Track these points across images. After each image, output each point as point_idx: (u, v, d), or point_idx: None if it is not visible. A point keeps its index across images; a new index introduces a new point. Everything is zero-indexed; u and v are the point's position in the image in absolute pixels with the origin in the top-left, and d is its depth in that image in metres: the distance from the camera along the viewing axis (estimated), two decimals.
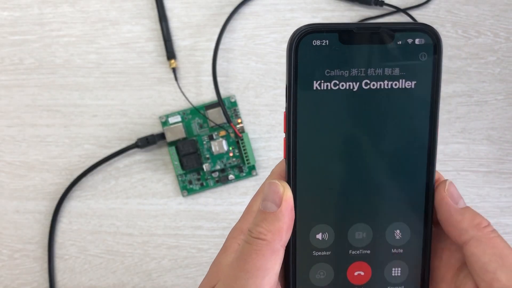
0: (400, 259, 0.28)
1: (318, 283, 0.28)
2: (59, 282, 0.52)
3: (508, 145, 0.52)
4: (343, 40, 0.26)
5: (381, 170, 0.27)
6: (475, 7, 0.52)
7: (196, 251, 0.52)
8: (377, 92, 0.26)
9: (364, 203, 0.27)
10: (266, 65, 0.52)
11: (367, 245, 0.28)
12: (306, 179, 0.27)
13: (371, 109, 0.26)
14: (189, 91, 0.52)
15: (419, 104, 0.27)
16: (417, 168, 0.27)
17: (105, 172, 0.52)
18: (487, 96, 0.52)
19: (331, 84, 0.26)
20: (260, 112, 0.52)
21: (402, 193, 0.27)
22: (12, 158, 0.52)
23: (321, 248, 0.28)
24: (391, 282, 0.28)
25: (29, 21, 0.51)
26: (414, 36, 0.26)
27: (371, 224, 0.27)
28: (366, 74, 0.26)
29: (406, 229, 0.28)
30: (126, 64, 0.52)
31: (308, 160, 0.27)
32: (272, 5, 0.52)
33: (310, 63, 0.26)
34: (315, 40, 0.26)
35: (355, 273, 0.28)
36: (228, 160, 0.51)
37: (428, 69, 0.26)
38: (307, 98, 0.26)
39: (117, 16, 0.52)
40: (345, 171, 0.27)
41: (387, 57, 0.26)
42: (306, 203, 0.27)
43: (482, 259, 0.25)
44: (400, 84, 0.26)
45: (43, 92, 0.51)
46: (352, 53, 0.26)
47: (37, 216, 0.52)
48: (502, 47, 0.52)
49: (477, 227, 0.26)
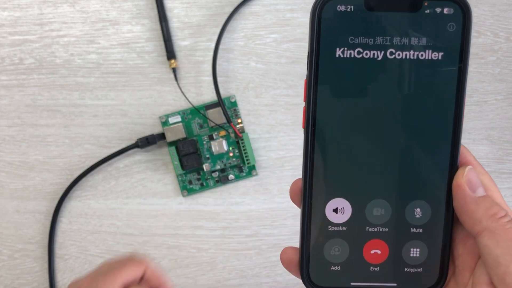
0: (419, 239, 0.27)
1: (332, 259, 0.27)
2: (59, 282, 0.52)
3: (508, 145, 0.52)
4: (369, 7, 0.25)
5: (403, 145, 0.26)
6: (475, 7, 0.52)
7: (196, 251, 0.52)
8: (403, 62, 0.25)
9: (384, 179, 0.26)
10: (266, 65, 0.52)
11: (385, 222, 0.27)
12: (324, 151, 0.26)
13: (395, 80, 0.25)
14: (189, 91, 0.52)
15: (445, 77, 0.25)
16: (440, 145, 0.26)
17: (105, 172, 0.52)
18: (487, 96, 0.52)
19: (354, 52, 0.25)
20: (260, 112, 0.52)
21: (425, 171, 0.26)
22: (12, 158, 0.52)
23: (337, 223, 0.27)
24: (408, 263, 0.27)
25: (29, 21, 0.51)
26: (443, 5, 0.25)
27: (390, 201, 0.26)
28: (392, 43, 0.25)
29: (427, 208, 0.26)
30: (126, 64, 0.52)
31: (327, 131, 0.26)
32: (272, 5, 0.52)
33: (334, 30, 0.25)
34: (340, 5, 0.25)
35: (371, 251, 0.27)
36: (228, 160, 0.51)
37: (456, 40, 0.25)
38: (329, 66, 0.25)
39: (117, 16, 0.52)
40: (365, 145, 0.26)
41: (414, 26, 0.25)
42: (323, 176, 0.26)
43: (495, 251, 0.24)
44: (427, 55, 0.25)
45: (43, 92, 0.51)
46: (378, 21, 0.25)
47: (37, 216, 0.52)
48: (502, 47, 0.52)
49: (492, 217, 0.24)
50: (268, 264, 0.52)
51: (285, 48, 0.52)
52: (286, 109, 0.52)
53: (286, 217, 0.52)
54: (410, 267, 0.27)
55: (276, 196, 0.52)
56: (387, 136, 0.26)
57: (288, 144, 0.52)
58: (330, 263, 0.27)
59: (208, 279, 0.52)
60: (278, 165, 0.52)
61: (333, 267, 0.27)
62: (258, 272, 0.52)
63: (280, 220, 0.52)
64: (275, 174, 0.52)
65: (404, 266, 0.27)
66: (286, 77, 0.52)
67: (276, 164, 0.52)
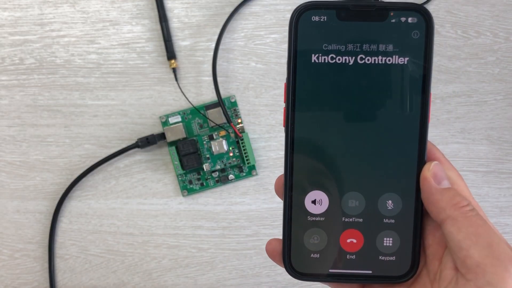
0: (391, 229, 0.29)
1: (311, 247, 0.29)
2: (59, 282, 0.52)
3: (508, 145, 0.53)
4: (340, 17, 0.28)
5: (374, 141, 0.28)
6: (474, 7, 0.52)
7: (196, 251, 0.52)
8: (372, 66, 0.28)
9: (357, 173, 0.29)
10: (266, 65, 0.52)
11: (360, 213, 0.29)
12: (303, 147, 0.29)
13: (365, 83, 0.28)
14: (189, 91, 0.52)
15: (411, 80, 0.28)
16: (409, 142, 0.28)
17: (105, 172, 0.52)
18: (486, 96, 0.52)
19: (328, 58, 0.28)
20: (260, 112, 0.52)
21: (395, 165, 0.28)
22: (13, 158, 0.52)
23: (316, 213, 0.29)
24: (382, 252, 0.29)
25: (29, 21, 0.51)
26: (407, 15, 0.27)
27: (364, 193, 0.29)
28: (361, 49, 0.28)
29: (398, 200, 0.28)
30: (126, 64, 0.52)
31: (305, 128, 0.28)
32: (272, 5, 0.52)
33: (309, 38, 0.28)
34: (314, 16, 0.28)
35: (347, 240, 0.29)
36: (228, 160, 0.51)
37: (420, 46, 0.28)
38: (305, 70, 0.28)
39: (118, 16, 0.52)
40: (340, 141, 0.28)
41: (381, 34, 0.28)
42: (302, 170, 0.29)
43: (457, 237, 0.25)
44: (394, 59, 0.28)
45: (44, 92, 0.52)
46: (349, 29, 0.28)
47: (37, 216, 0.52)
48: (502, 48, 0.52)
49: (455, 206, 0.26)
50: (268, 264, 0.52)
51: (285, 48, 0.52)
52: None
53: None
54: (384, 256, 0.29)
55: (276, 196, 0.52)
56: (360, 134, 0.28)
57: None
58: (309, 251, 0.29)
59: (208, 279, 0.52)
60: (278, 165, 0.52)
61: (312, 255, 0.29)
62: (258, 272, 0.52)
63: (280, 220, 0.52)
64: (275, 174, 0.52)
65: (378, 254, 0.29)
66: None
67: (276, 164, 0.52)
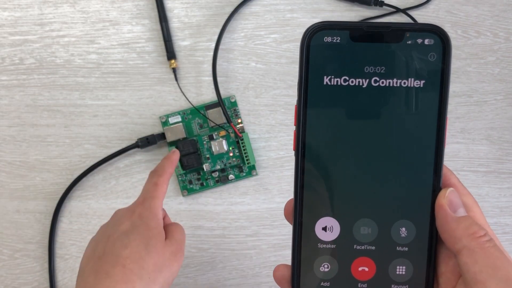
0: (405, 258, 0.28)
1: (322, 275, 0.28)
2: (59, 281, 0.52)
3: (508, 145, 0.53)
4: (354, 38, 0.26)
5: (388, 167, 0.27)
6: (474, 7, 0.52)
7: (196, 251, 0.52)
8: (386, 89, 0.27)
9: (370, 199, 0.27)
10: (266, 65, 0.52)
11: (372, 241, 0.28)
12: (313, 172, 0.27)
13: (379, 106, 0.27)
14: (189, 91, 0.52)
15: (427, 104, 0.27)
16: (423, 167, 0.27)
17: (105, 172, 0.52)
18: (486, 96, 0.52)
19: (341, 80, 0.27)
20: (260, 112, 0.52)
21: (409, 191, 0.27)
22: (13, 158, 0.52)
23: (326, 241, 0.28)
24: (395, 280, 0.28)
25: (29, 21, 0.51)
26: (423, 37, 0.26)
27: (376, 220, 0.28)
28: (376, 71, 0.27)
29: (412, 228, 0.27)
30: (126, 64, 0.52)
31: (316, 153, 0.27)
32: (272, 5, 0.52)
33: (321, 59, 0.27)
34: (327, 37, 0.27)
35: (359, 268, 0.28)
36: (228, 160, 0.51)
37: (437, 69, 0.27)
38: (317, 92, 0.27)
39: (118, 16, 0.52)
40: (352, 166, 0.27)
41: (397, 56, 0.26)
42: (313, 196, 0.28)
43: (473, 268, 0.24)
44: (409, 83, 0.27)
45: (44, 92, 0.52)
46: (362, 51, 0.27)
47: (37, 216, 0.52)
48: (502, 47, 0.52)
49: (472, 236, 0.25)
50: (268, 264, 0.52)
51: (285, 48, 0.52)
52: (286, 109, 0.52)
53: None
54: (396, 284, 0.28)
55: (276, 196, 0.52)
56: (373, 158, 0.27)
57: (288, 144, 0.52)
58: (319, 279, 0.28)
59: (208, 279, 0.52)
60: (278, 165, 0.52)
61: (322, 283, 0.28)
62: (258, 272, 0.52)
63: (280, 220, 0.52)
64: (275, 174, 0.52)
65: (390, 283, 0.28)
66: (286, 77, 0.52)
67: (276, 164, 0.52)
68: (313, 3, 0.52)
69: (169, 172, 0.41)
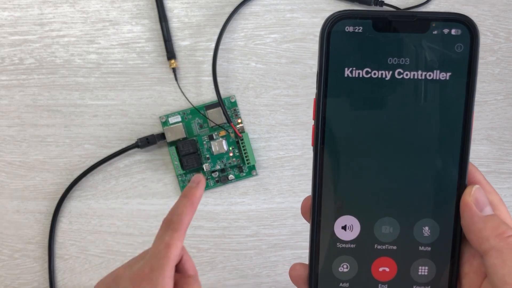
0: (427, 257, 0.27)
1: (340, 276, 0.27)
2: (59, 282, 0.52)
3: (508, 145, 0.52)
4: (377, 28, 0.25)
5: (411, 163, 0.26)
6: (474, 7, 0.52)
7: (196, 251, 0.52)
8: (410, 82, 0.25)
9: (392, 197, 0.26)
10: (266, 65, 0.52)
11: (394, 240, 0.27)
12: (333, 168, 0.26)
13: (403, 100, 0.26)
14: (189, 91, 0.52)
15: (453, 97, 0.26)
16: (449, 163, 0.26)
17: (105, 172, 0.52)
18: (486, 96, 0.52)
19: (363, 72, 0.26)
20: (260, 112, 0.52)
21: (433, 189, 0.26)
22: (13, 158, 0.52)
23: (346, 240, 0.27)
24: (417, 281, 0.27)
25: (29, 21, 0.51)
26: (450, 26, 0.25)
27: (398, 219, 0.26)
28: (400, 63, 0.25)
29: (435, 227, 0.26)
30: (126, 64, 0.52)
31: (335, 149, 0.26)
32: (272, 5, 0.52)
33: (342, 50, 0.25)
34: (348, 27, 0.25)
35: (379, 268, 0.27)
36: (228, 160, 0.51)
37: (464, 61, 0.25)
38: (337, 85, 0.26)
39: (117, 16, 0.52)
40: (373, 163, 0.26)
41: (422, 47, 0.25)
42: (332, 193, 0.26)
43: (501, 270, 0.23)
44: (434, 75, 0.25)
45: (44, 92, 0.52)
46: (386, 41, 0.25)
47: (37, 216, 0.52)
48: (502, 47, 0.52)
49: (499, 236, 0.24)
50: (268, 264, 0.52)
51: (285, 48, 0.52)
52: (286, 109, 0.52)
53: (286, 217, 0.52)
54: (418, 285, 0.27)
55: (276, 196, 0.52)
56: (396, 154, 0.26)
57: (288, 144, 0.52)
58: (338, 280, 0.27)
59: (208, 279, 0.52)
60: (278, 165, 0.52)
61: (341, 284, 0.27)
62: (258, 272, 0.52)
63: (280, 220, 0.52)
64: (275, 174, 0.52)
65: (412, 284, 0.27)
66: (286, 77, 0.52)
67: (276, 164, 0.52)
68: (313, 3, 0.52)
69: (187, 222, 0.32)
